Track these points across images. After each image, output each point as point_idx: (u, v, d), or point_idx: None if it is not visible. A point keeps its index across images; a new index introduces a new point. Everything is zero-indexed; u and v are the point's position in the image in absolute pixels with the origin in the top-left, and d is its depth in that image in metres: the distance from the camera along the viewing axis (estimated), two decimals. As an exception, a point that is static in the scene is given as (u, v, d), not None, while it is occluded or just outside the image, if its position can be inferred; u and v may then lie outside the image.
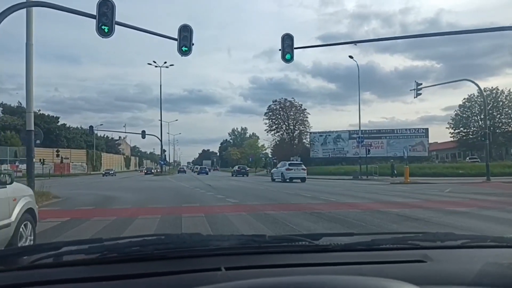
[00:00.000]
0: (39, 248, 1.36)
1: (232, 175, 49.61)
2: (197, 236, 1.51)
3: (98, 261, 1.20)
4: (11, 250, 1.27)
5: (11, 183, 4.70)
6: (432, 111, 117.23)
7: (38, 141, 14.97)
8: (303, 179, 28.51)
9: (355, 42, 20.75)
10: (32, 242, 5.14)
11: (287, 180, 27.91)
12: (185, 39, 15.28)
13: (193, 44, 15.45)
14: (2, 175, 4.68)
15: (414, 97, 27.64)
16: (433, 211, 9.58)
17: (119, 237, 1.56)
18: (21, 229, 4.80)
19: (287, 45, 16.84)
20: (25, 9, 13.50)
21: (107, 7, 13.31)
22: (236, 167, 55.10)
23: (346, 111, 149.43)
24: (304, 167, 30.08)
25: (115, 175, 59.33)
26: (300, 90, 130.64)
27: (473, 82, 26.71)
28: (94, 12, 13.18)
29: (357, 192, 16.87)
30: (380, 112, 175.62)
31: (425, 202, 11.92)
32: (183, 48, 15.23)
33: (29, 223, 5.09)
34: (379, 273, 1.11)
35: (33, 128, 14.28)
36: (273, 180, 30.64)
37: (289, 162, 32.51)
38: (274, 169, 34.62)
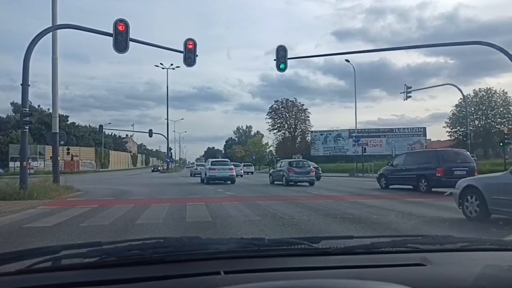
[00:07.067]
0: (37, 252, 1.34)
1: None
2: (196, 239, 1.52)
3: (97, 265, 1.21)
4: (8, 254, 1.27)
5: None
6: (443, 108, 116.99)
7: (62, 142, 17.14)
8: None
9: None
10: None
11: None
12: (189, 52, 17.37)
13: (197, 56, 17.52)
14: None
15: (404, 100, 29.55)
16: (391, 201, 11.81)
17: (118, 241, 1.58)
18: None
19: (281, 56, 18.86)
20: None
21: (122, 26, 15.43)
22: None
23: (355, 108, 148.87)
24: None
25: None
26: (310, 87, 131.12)
27: (456, 87, 28.68)
28: (111, 30, 15.30)
29: (343, 187, 18.93)
30: (390, 109, 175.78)
31: (393, 195, 13.99)
32: (188, 60, 17.33)
33: None
34: (379, 277, 1.13)
35: (58, 131, 16.46)
36: None
37: None
38: None
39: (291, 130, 68.56)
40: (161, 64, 55.07)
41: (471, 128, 58.09)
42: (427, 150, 19.05)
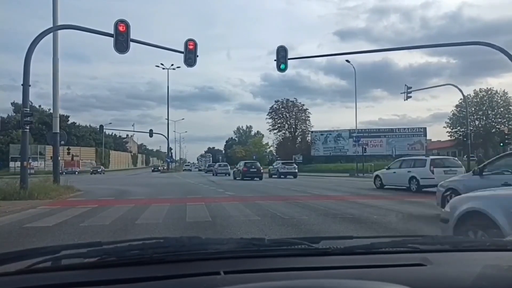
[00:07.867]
0: (37, 251, 1.34)
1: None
2: (196, 239, 1.52)
3: (97, 265, 1.21)
4: (8, 254, 1.27)
5: None
6: (445, 108, 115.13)
7: (62, 142, 17.15)
8: None
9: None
10: None
11: None
12: (190, 52, 17.38)
13: (197, 56, 17.52)
14: None
15: (404, 100, 29.52)
16: (391, 201, 11.77)
17: (118, 241, 1.60)
18: None
19: (282, 56, 18.85)
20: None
21: (122, 26, 15.44)
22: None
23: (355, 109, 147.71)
24: None
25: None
26: (311, 87, 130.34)
27: (456, 87, 28.68)
28: (112, 31, 15.30)
29: (343, 187, 18.93)
30: (392, 109, 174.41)
31: (393, 195, 14.01)
32: (189, 60, 17.34)
33: None
34: (379, 277, 1.13)
35: (58, 131, 16.48)
36: None
37: None
38: None
39: (292, 130, 68.55)
40: (161, 64, 55.19)
41: (471, 128, 58.10)
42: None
